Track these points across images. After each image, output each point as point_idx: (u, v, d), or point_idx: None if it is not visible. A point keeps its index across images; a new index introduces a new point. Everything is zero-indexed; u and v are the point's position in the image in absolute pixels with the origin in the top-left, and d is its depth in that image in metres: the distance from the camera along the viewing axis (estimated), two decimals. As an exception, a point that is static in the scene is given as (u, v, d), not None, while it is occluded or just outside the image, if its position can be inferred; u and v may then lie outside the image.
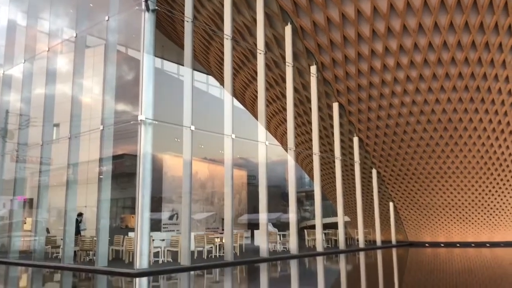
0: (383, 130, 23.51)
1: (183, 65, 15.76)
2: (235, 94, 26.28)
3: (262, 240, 16.75)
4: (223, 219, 19.81)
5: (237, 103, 27.87)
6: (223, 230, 20.42)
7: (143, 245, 12.25)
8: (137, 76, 13.35)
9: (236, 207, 32.15)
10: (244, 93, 27.05)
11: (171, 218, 27.90)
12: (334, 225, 22.82)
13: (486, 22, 18.83)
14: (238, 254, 17.14)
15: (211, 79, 33.60)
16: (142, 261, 12.20)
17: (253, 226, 27.12)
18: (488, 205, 25.00)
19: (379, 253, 21.46)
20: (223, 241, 16.22)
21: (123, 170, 25.69)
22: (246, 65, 24.10)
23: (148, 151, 12.86)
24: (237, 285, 11.49)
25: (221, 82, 26.79)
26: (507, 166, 23.65)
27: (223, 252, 15.75)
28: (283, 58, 20.59)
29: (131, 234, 16.71)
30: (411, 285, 11.12)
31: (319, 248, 19.70)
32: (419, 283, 11.46)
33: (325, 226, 27.35)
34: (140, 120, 12.75)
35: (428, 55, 20.06)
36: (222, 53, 19.40)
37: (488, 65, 20.07)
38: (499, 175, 23.95)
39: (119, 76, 16.52)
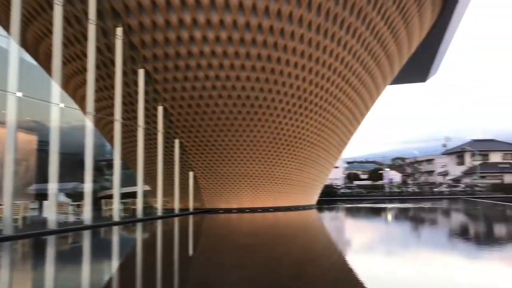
0: (187, 101, 24.01)
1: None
2: (25, 46, 23.01)
3: (50, 211, 15.38)
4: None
5: (28, 57, 24.51)
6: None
7: None
8: None
9: (22, 176, 28.65)
10: (37, 47, 23.90)
11: None
12: (135, 195, 22.52)
13: (283, 10, 20.83)
14: (21, 227, 15.37)
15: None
16: None
17: (42, 196, 24.66)
18: (275, 175, 28.30)
19: (175, 221, 22.16)
20: (2, 213, 14.27)
21: None
22: (42, 15, 21.29)
23: None
24: (6, 262, 10.29)
25: (8, 31, 23.03)
26: (291, 141, 27.04)
27: (3, 226, 13.89)
28: (86, 14, 18.87)
29: None
30: (200, 248, 11.84)
31: (116, 217, 19.21)
32: (207, 246, 12.29)
33: (126, 196, 26.72)
34: None
35: (233, 34, 21.16)
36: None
37: (282, 51, 22.33)
38: (284, 149, 27.23)
39: None
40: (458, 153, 72.04)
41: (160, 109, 24.26)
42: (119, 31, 20.21)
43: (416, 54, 32.71)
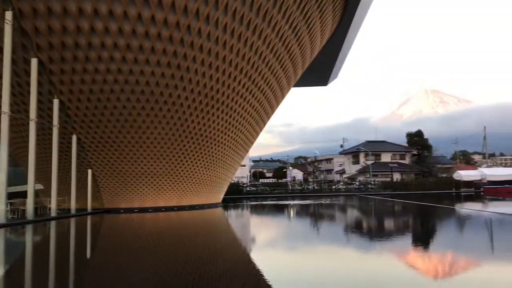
0: (86, 95, 22.65)
1: None
2: None
3: None
4: None
5: None
6: None
7: None
8: None
9: None
10: None
11: None
12: (25, 194, 20.64)
13: (189, 6, 20.56)
14: None
15: None
16: None
17: None
18: (180, 173, 27.86)
19: (71, 221, 20.76)
20: None
21: None
22: None
23: None
24: None
25: None
26: (197, 139, 26.82)
27: None
28: (-32, -7, 16.89)
29: None
30: (97, 251, 11.22)
31: (2, 219, 17.46)
32: (104, 248, 11.69)
33: (15, 195, 24.44)
34: None
35: (137, 27, 20.40)
36: None
37: (188, 47, 22.03)
38: (190, 147, 26.92)
39: None
40: (353, 153, 77.25)
41: (55, 102, 22.57)
42: (8, 15, 18.38)
43: (318, 59, 34.44)
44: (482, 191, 50.10)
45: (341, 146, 79.22)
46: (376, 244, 11.39)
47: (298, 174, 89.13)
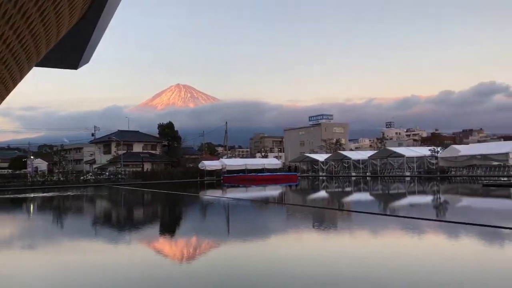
0: None
1: None
2: None
3: None
4: None
5: None
6: None
7: None
8: None
9: None
10: None
11: None
12: None
13: None
14: None
15: None
16: None
17: None
18: None
19: None
20: None
21: None
22: None
23: None
24: None
25: None
26: None
27: None
28: None
29: None
30: None
31: None
32: None
33: None
34: None
35: None
36: None
37: None
38: None
39: None
40: (105, 142, 74.89)
41: None
42: None
43: (67, 40, 31.66)
44: (222, 179, 56.22)
45: (93, 134, 75.65)
46: (126, 234, 11.36)
47: (41, 165, 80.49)
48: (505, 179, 36.12)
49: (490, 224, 10.10)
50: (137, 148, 74.95)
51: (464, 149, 49.31)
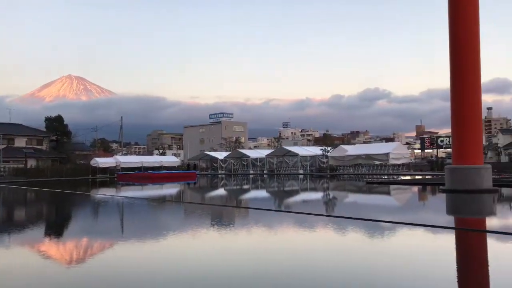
0: None
1: None
2: None
3: None
4: None
5: None
6: None
7: None
8: None
9: None
10: None
11: None
12: None
13: None
14: None
15: None
16: None
17: None
18: None
19: None
20: None
21: None
22: None
23: None
24: None
25: None
26: None
27: None
28: None
29: None
30: None
31: None
32: None
33: None
34: None
35: None
36: None
37: None
38: None
39: None
40: (-18, 136, 67.06)
41: None
42: None
43: None
44: (116, 177, 53.71)
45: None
46: (5, 237, 10.25)
47: None
48: (385, 177, 39.89)
49: (372, 218, 11.00)
50: (20, 142, 68.50)
51: (351, 149, 53.40)
